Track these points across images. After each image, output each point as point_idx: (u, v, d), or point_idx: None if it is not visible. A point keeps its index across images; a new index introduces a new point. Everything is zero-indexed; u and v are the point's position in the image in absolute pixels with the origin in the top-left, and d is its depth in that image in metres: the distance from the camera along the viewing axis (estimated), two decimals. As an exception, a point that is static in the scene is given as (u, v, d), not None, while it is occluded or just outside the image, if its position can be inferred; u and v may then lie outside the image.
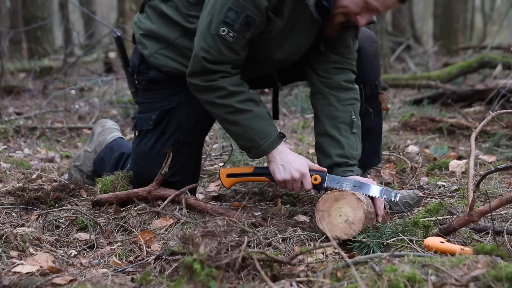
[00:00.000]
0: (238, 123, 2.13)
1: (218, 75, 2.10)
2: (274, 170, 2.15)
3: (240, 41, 2.05)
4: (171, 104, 2.33)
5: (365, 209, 1.97)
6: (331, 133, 2.25)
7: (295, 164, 2.12)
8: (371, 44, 2.47)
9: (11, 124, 4.40)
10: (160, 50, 2.32)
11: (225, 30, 2.02)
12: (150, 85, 2.37)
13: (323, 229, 2.00)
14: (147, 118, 2.36)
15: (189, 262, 1.50)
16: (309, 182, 2.13)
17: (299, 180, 2.13)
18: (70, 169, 2.87)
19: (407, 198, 2.36)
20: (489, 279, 1.38)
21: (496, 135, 3.56)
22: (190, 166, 2.41)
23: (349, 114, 2.27)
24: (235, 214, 2.18)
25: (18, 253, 1.90)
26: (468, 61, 6.61)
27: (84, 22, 13.90)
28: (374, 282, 1.40)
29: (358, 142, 2.28)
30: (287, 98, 5.56)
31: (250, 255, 1.58)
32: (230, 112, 2.13)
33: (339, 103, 2.27)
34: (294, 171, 2.11)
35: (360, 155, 2.29)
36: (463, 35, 12.85)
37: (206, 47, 2.06)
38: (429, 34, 15.03)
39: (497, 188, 2.49)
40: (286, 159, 2.13)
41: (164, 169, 2.29)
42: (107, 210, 2.32)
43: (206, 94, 2.14)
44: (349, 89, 2.30)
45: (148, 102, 2.38)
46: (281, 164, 2.13)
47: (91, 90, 6.71)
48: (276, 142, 2.14)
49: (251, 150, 2.17)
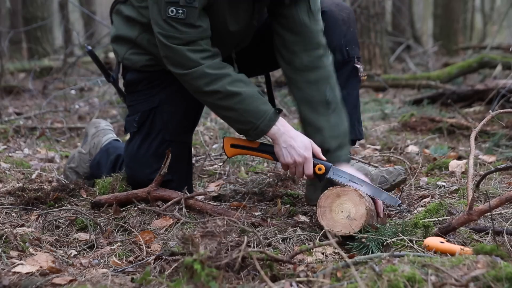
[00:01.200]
0: (231, 107, 2.11)
1: (193, 57, 2.07)
2: (278, 153, 2.13)
3: (192, 13, 2.03)
4: (152, 104, 2.33)
5: (367, 206, 1.97)
6: (309, 119, 2.21)
7: (299, 149, 2.09)
8: (340, 9, 2.38)
9: (11, 124, 4.40)
10: (129, 51, 2.33)
11: (173, 10, 2.02)
12: (130, 88, 2.39)
13: (325, 225, 2.00)
14: (132, 121, 2.38)
15: (189, 262, 1.50)
16: (310, 168, 2.11)
17: (301, 165, 2.11)
18: (66, 171, 2.87)
19: (384, 173, 2.31)
20: (489, 279, 1.38)
21: (496, 135, 3.56)
22: (181, 163, 2.41)
23: (323, 94, 2.19)
24: (235, 214, 2.18)
25: (18, 253, 1.90)
26: (468, 61, 6.62)
27: (84, 22, 13.90)
28: (374, 282, 1.40)
29: (339, 118, 2.20)
30: (287, 98, 5.56)
31: (250, 255, 1.58)
32: (221, 98, 2.10)
33: (310, 85, 2.20)
34: (297, 156, 2.09)
35: (347, 127, 2.21)
36: (463, 35, 12.86)
37: (165, 33, 2.07)
38: (429, 34, 15.03)
39: (497, 188, 2.49)
40: (289, 142, 2.10)
41: (164, 169, 2.29)
42: (107, 210, 2.32)
43: (192, 83, 2.12)
44: (317, 68, 2.21)
45: (133, 104, 2.39)
46: (285, 147, 2.11)
47: (91, 90, 6.71)
48: (274, 119, 2.11)
49: (250, 132, 2.14)
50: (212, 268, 1.51)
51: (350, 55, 2.36)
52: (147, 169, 2.33)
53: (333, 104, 2.20)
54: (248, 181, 2.86)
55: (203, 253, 1.52)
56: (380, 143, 3.74)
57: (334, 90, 2.22)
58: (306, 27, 2.20)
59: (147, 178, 2.34)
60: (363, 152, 3.52)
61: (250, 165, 3.16)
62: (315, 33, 2.22)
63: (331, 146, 2.18)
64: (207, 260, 1.52)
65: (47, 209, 2.35)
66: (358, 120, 2.43)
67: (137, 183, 2.39)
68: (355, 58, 2.38)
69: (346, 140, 2.22)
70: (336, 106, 2.21)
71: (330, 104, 2.19)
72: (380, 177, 2.31)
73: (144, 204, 2.32)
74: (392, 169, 2.33)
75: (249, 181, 2.86)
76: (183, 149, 2.42)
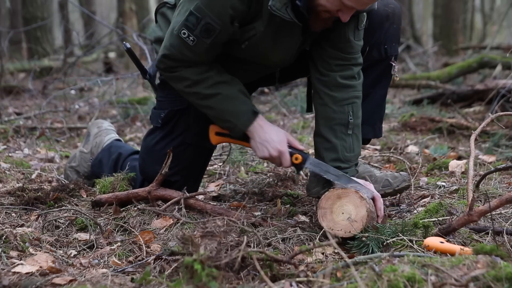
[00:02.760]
0: (211, 106, 2.16)
1: (179, 67, 2.12)
2: (254, 148, 2.18)
3: (200, 46, 2.05)
4: (181, 105, 2.33)
5: (368, 208, 1.98)
6: (325, 135, 2.23)
7: (273, 143, 2.13)
8: (385, 4, 2.34)
9: (11, 124, 4.40)
10: None
11: (186, 33, 2.04)
12: (164, 84, 2.39)
13: (325, 226, 2.00)
14: (158, 116, 2.38)
15: (190, 262, 1.50)
16: (287, 160, 2.15)
17: (277, 158, 2.15)
18: (66, 170, 2.87)
19: (388, 177, 2.31)
20: (489, 279, 1.38)
21: (495, 135, 3.56)
22: (194, 168, 2.42)
23: (346, 114, 2.21)
24: (235, 214, 2.18)
25: (18, 253, 1.90)
26: (468, 61, 6.61)
27: (84, 22, 13.90)
28: (374, 282, 1.40)
29: (355, 142, 2.24)
30: (287, 98, 5.56)
31: (250, 255, 1.58)
32: (200, 98, 2.15)
33: (335, 104, 2.22)
34: (271, 149, 2.13)
35: (358, 155, 2.27)
36: (463, 35, 12.86)
37: (169, 45, 2.09)
38: (429, 34, 15.02)
39: (497, 188, 2.49)
40: (264, 137, 2.14)
41: (164, 169, 2.29)
42: (107, 210, 2.32)
43: (173, 83, 2.18)
44: (348, 87, 2.23)
45: (162, 100, 2.40)
46: (260, 142, 2.15)
47: (91, 90, 6.71)
48: (251, 119, 2.15)
49: (230, 130, 2.20)
50: (212, 268, 1.51)
51: (387, 54, 2.36)
52: (158, 166, 2.33)
53: (353, 126, 2.23)
54: (248, 181, 2.86)
55: (203, 253, 1.52)
56: (380, 143, 3.73)
57: (358, 112, 2.24)
58: (348, 44, 2.20)
59: (156, 174, 2.34)
60: (363, 152, 3.51)
61: (250, 165, 3.16)
62: (356, 50, 2.23)
63: (342, 164, 2.21)
64: (207, 260, 1.52)
65: (47, 209, 2.35)
66: (380, 119, 2.45)
67: (145, 175, 2.43)
68: (392, 56, 2.37)
69: (357, 160, 2.27)
70: (355, 128, 2.24)
71: (349, 125, 2.22)
72: (384, 180, 2.30)
73: (144, 204, 2.32)
74: (398, 175, 2.33)
75: (249, 181, 2.87)
76: (200, 154, 2.42)
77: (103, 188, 2.46)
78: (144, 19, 10.02)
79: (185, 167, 2.37)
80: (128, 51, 2.46)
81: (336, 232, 1.98)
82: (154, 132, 2.41)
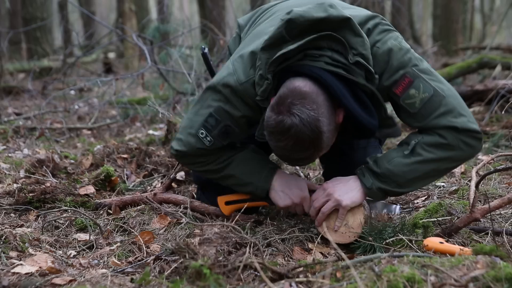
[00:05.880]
0: (229, 175, 2.14)
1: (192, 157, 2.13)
2: (275, 197, 2.12)
3: (215, 146, 2.07)
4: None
5: (365, 215, 1.98)
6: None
7: (294, 190, 2.09)
8: None
9: (11, 124, 4.40)
10: None
11: (203, 133, 2.05)
12: None
13: (323, 232, 2.00)
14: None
15: (196, 267, 1.51)
16: (309, 205, 2.09)
17: (301, 204, 2.10)
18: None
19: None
20: (489, 279, 1.39)
21: (495, 136, 3.56)
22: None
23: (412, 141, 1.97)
24: (235, 215, 2.18)
25: (18, 254, 1.90)
26: (468, 62, 6.60)
27: (83, 23, 13.92)
28: (374, 283, 1.40)
29: (399, 161, 1.97)
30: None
31: (251, 264, 1.60)
32: (214, 171, 2.15)
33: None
34: (294, 197, 2.09)
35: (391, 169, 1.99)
36: (463, 35, 12.85)
37: (186, 142, 2.08)
38: (429, 35, 15.03)
39: (497, 189, 2.49)
40: (285, 185, 2.11)
41: (173, 174, 2.32)
42: (107, 210, 2.32)
43: (186, 165, 2.26)
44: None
45: None
46: (281, 191, 2.11)
47: (91, 91, 6.71)
48: (272, 174, 2.12)
49: (253, 192, 2.15)
50: (220, 275, 1.53)
51: None
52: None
53: (410, 153, 1.95)
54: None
55: (207, 259, 1.55)
56: (380, 143, 3.73)
57: (419, 148, 1.96)
58: (415, 124, 2.00)
59: (206, 180, 2.32)
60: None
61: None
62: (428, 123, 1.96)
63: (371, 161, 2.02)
64: (212, 266, 1.54)
65: (46, 209, 2.35)
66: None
67: (197, 180, 2.44)
68: None
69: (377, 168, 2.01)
70: (415, 157, 1.96)
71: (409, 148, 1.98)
72: None
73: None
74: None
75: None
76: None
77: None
78: (144, 19, 10.02)
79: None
80: (203, 55, 2.43)
81: (333, 239, 1.98)
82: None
